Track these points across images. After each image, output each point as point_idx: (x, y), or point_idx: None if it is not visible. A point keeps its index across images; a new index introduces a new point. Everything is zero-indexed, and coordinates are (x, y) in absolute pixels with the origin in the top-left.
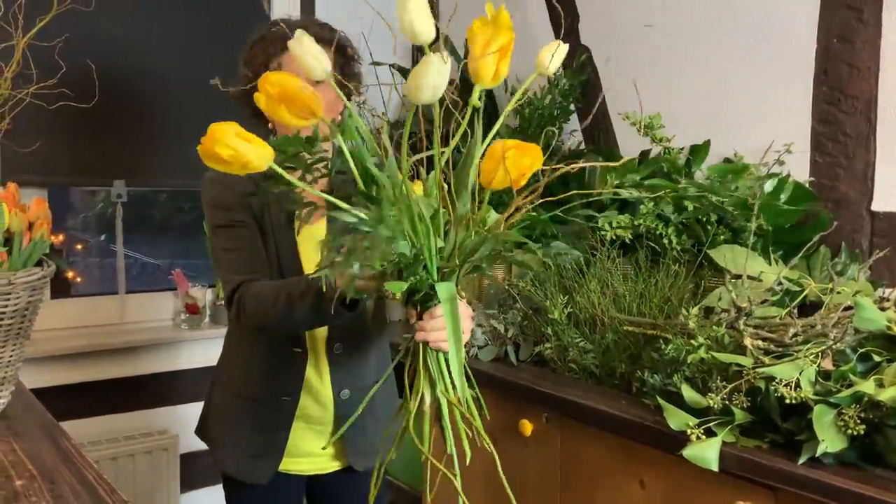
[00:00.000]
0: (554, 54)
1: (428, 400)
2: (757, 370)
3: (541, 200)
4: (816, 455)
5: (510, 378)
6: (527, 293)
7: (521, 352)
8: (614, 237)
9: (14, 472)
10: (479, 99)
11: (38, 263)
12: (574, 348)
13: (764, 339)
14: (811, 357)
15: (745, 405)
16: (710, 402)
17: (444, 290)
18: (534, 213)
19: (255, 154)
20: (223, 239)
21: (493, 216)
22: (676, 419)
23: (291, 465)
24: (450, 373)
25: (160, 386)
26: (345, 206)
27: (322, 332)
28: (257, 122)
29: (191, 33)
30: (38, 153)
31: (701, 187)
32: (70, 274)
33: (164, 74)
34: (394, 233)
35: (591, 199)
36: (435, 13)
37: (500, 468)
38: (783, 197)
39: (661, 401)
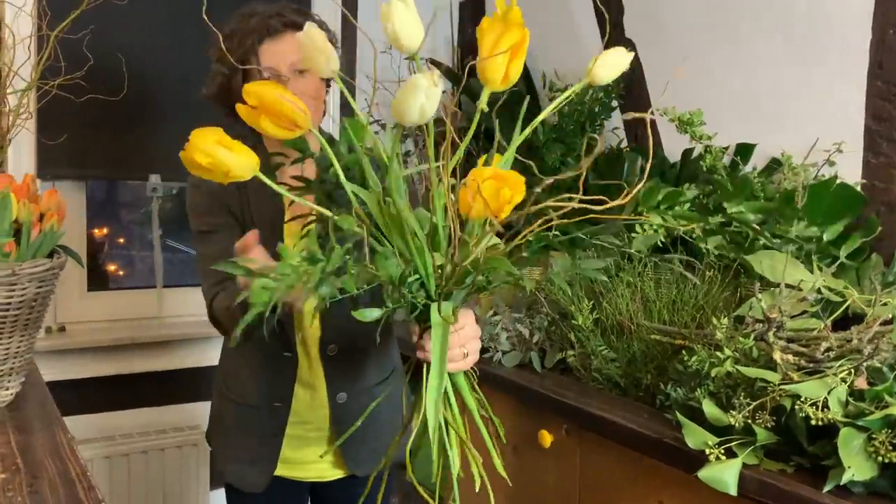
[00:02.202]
0: (608, 62)
1: (431, 424)
2: (783, 387)
3: (558, 221)
4: (842, 483)
5: (531, 386)
6: (554, 297)
7: (547, 359)
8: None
9: (1, 464)
10: (488, 103)
11: (51, 255)
12: (598, 357)
13: (795, 354)
14: (842, 375)
15: (769, 425)
16: (732, 420)
17: (435, 312)
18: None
19: (236, 163)
20: (201, 245)
21: (493, 241)
22: (695, 437)
23: (291, 471)
24: (458, 394)
25: (194, 381)
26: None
27: (315, 332)
28: (234, 122)
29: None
30: (73, 147)
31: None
32: (112, 267)
33: (198, 66)
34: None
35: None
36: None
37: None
38: (829, 199)
39: (680, 416)
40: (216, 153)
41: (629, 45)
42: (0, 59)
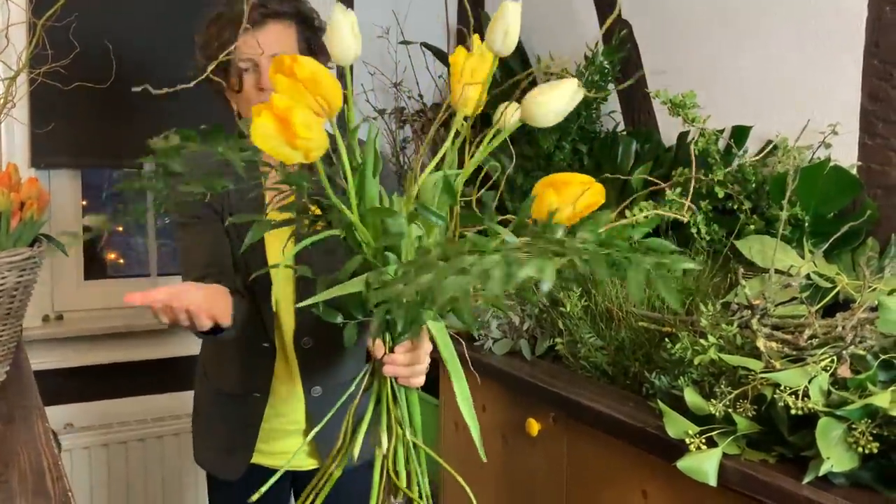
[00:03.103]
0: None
1: (385, 445)
2: (764, 376)
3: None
4: (823, 474)
5: (519, 374)
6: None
7: (537, 346)
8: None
9: None
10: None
11: (34, 244)
12: (585, 345)
13: (779, 342)
14: (824, 363)
15: (750, 414)
16: (712, 408)
17: (438, 330)
18: None
19: (323, 142)
20: (181, 236)
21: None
22: (675, 426)
23: (269, 459)
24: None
25: (190, 369)
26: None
27: (289, 324)
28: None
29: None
30: (66, 136)
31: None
32: (111, 255)
33: (188, 51)
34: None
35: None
36: None
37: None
38: (823, 183)
39: (661, 405)
40: (315, 128)
41: (626, 25)
42: None
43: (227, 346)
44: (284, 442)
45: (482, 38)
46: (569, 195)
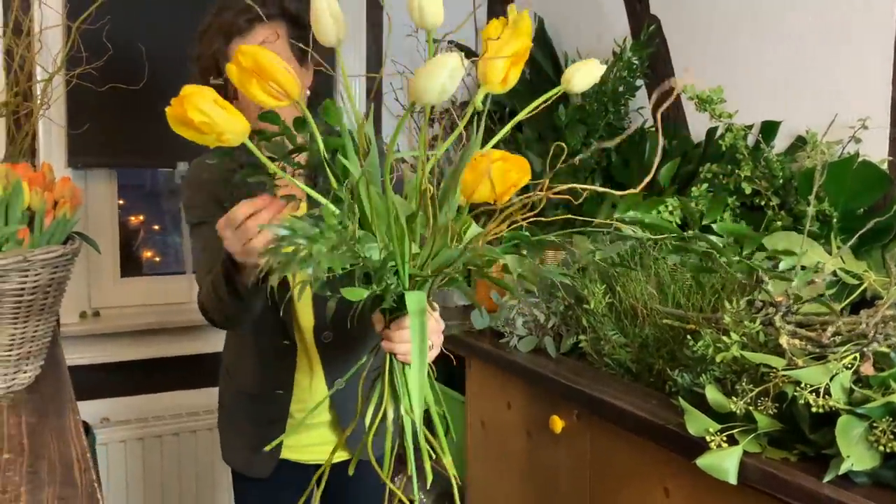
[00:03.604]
0: (580, 71)
1: (391, 416)
2: (785, 373)
3: (532, 217)
4: (843, 473)
5: (543, 371)
6: (570, 281)
7: (563, 344)
8: (661, 222)
9: (7, 445)
10: (483, 102)
11: (67, 241)
12: (608, 342)
13: (803, 339)
14: (847, 360)
15: (771, 412)
16: (733, 406)
17: (413, 301)
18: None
19: (230, 125)
20: (194, 239)
21: (473, 229)
22: (696, 424)
23: (296, 454)
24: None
25: None
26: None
27: (308, 320)
28: None
29: None
30: (102, 136)
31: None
32: (148, 253)
33: None
34: (364, 235)
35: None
36: None
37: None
38: (852, 178)
39: (683, 402)
40: (212, 112)
41: (654, 21)
42: (29, 52)
43: (249, 347)
44: (310, 435)
45: None
46: (495, 172)
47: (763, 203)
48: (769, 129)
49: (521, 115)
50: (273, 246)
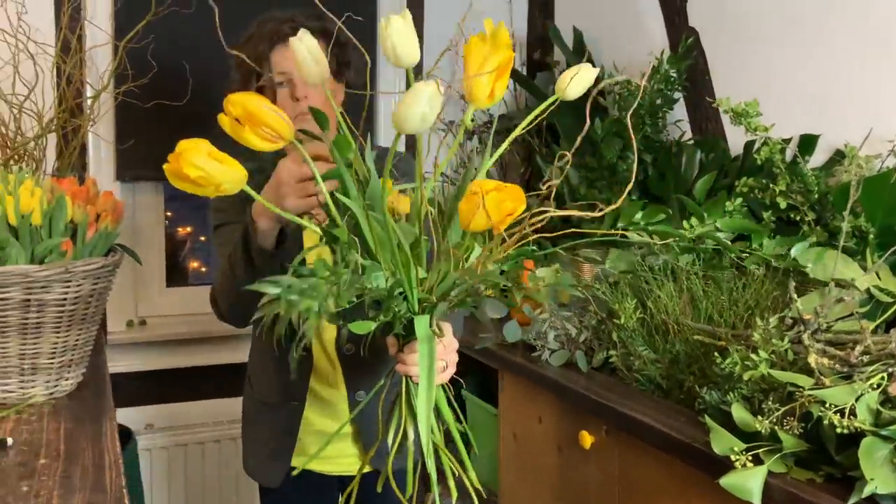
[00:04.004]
0: (574, 78)
1: (411, 436)
2: (811, 393)
3: (535, 236)
4: (866, 495)
5: (573, 386)
6: (601, 295)
7: (594, 358)
8: (694, 237)
9: (44, 450)
10: (472, 120)
11: (109, 253)
12: (638, 357)
13: (831, 358)
14: (874, 380)
15: (797, 431)
16: (758, 425)
17: (421, 327)
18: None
19: (227, 177)
20: (217, 239)
21: (476, 252)
22: (721, 442)
23: (318, 465)
24: (437, 410)
25: None
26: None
27: (331, 332)
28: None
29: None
30: (148, 150)
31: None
32: (194, 264)
33: None
34: (370, 265)
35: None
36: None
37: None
38: (890, 193)
39: (708, 420)
40: (207, 167)
41: (693, 33)
42: (77, 69)
43: (268, 355)
44: (333, 446)
45: (547, 52)
46: (489, 202)
47: (798, 218)
48: (807, 143)
49: (518, 131)
50: (268, 301)
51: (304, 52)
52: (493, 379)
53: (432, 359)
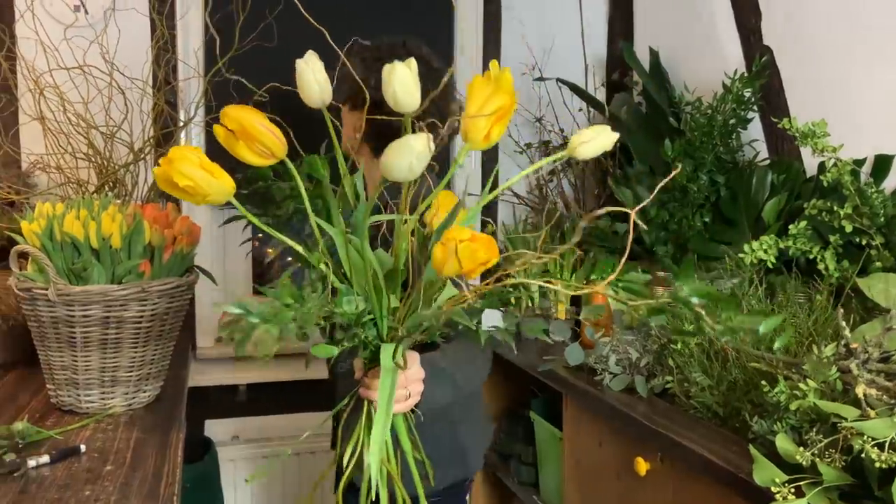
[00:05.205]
0: (589, 142)
1: (374, 468)
2: (850, 424)
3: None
4: None
5: (628, 411)
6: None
7: (654, 384)
8: (755, 261)
9: (112, 457)
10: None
11: (185, 274)
12: (693, 384)
13: (880, 389)
14: None
15: (840, 464)
16: (799, 457)
17: (385, 356)
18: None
19: (215, 187)
20: None
21: (447, 292)
22: (763, 473)
23: None
24: (395, 437)
25: None
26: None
27: None
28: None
29: None
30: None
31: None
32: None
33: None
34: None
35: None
36: None
37: None
38: None
39: (753, 450)
40: (196, 176)
41: (767, 51)
42: (161, 102)
43: None
44: None
45: (624, 74)
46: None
47: (864, 242)
48: (882, 164)
49: (514, 180)
50: (230, 321)
51: (309, 75)
52: (560, 401)
53: (392, 388)
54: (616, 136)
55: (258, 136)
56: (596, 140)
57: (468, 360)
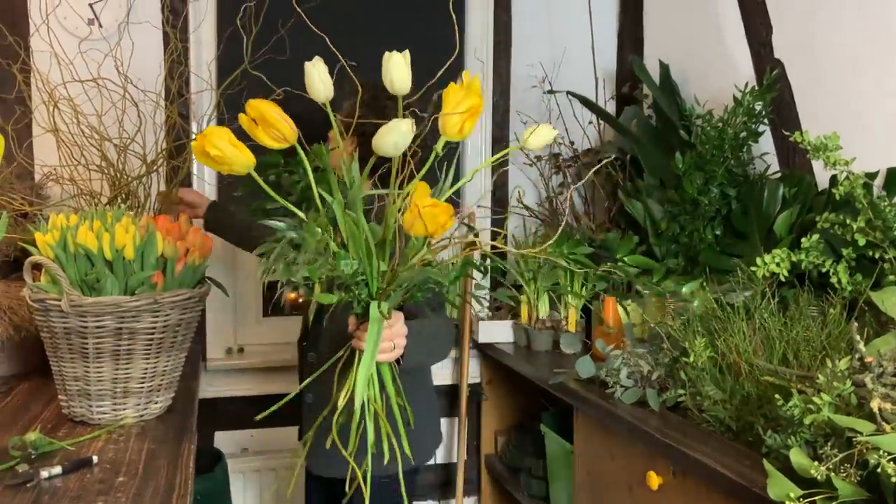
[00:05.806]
0: (532, 134)
1: (358, 401)
2: (865, 439)
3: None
4: None
5: (640, 425)
6: (674, 332)
7: (666, 397)
8: (768, 274)
9: (125, 468)
10: (442, 149)
11: (197, 285)
12: (706, 398)
13: (895, 403)
14: None
15: (855, 479)
16: (814, 471)
17: (374, 310)
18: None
19: (237, 159)
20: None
21: (422, 252)
22: (778, 488)
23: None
24: (381, 381)
25: None
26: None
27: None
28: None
29: None
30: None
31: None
32: (292, 296)
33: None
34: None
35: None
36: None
37: None
38: None
39: (766, 465)
40: (224, 148)
41: (778, 64)
42: (174, 114)
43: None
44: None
45: (634, 87)
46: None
47: (877, 256)
48: (895, 177)
49: (465, 180)
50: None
51: (315, 75)
52: (571, 414)
53: (378, 335)
54: (555, 132)
55: (274, 122)
56: (538, 133)
57: (435, 334)
